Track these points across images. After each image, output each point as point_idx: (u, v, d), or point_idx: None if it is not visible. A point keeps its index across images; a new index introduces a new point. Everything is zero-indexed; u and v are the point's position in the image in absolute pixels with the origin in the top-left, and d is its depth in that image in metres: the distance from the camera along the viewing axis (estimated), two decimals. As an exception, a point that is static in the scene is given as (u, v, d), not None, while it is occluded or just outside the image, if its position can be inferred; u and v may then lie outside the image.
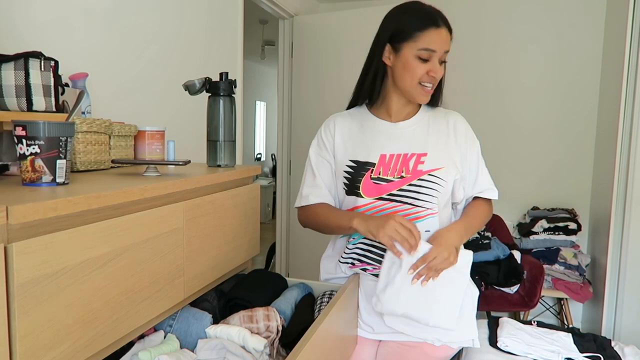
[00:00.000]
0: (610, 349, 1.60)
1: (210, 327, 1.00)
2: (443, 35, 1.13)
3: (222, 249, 1.14)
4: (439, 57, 1.14)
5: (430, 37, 1.12)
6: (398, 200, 1.17)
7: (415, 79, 1.16)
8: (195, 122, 1.94)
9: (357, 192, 1.20)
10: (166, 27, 1.87)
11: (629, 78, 2.43)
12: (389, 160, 1.19)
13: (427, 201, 1.17)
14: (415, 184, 1.16)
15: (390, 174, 1.18)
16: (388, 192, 1.17)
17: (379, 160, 1.19)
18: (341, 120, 1.29)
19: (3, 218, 0.57)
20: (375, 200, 1.18)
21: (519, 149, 3.13)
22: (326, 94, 3.26)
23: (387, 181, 1.18)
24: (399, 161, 1.19)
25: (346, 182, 1.22)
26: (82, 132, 1.04)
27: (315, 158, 1.29)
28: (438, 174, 1.17)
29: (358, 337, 1.28)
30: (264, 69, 7.34)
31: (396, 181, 1.17)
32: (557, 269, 2.70)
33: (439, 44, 1.13)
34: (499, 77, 3.16)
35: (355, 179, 1.20)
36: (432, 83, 1.16)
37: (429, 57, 1.14)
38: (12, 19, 1.24)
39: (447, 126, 1.24)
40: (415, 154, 1.19)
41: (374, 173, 1.19)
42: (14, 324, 0.59)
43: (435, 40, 1.13)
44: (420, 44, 1.13)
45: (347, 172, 1.22)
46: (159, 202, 0.91)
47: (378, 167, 1.19)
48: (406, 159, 1.18)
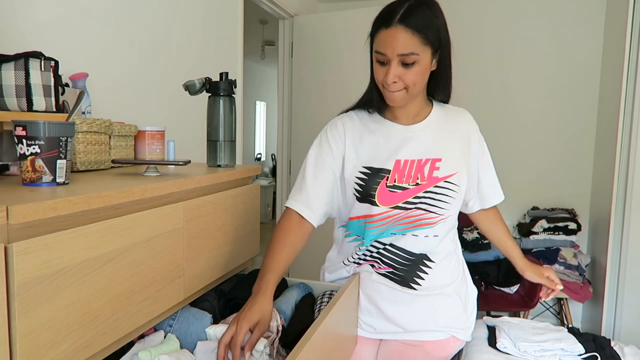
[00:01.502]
0: (609, 348, 1.60)
1: (210, 327, 1.00)
2: (393, 35, 1.02)
3: (222, 249, 1.14)
4: (397, 60, 1.04)
5: (379, 39, 1.04)
6: (412, 207, 1.13)
7: (378, 82, 1.10)
8: (195, 122, 1.94)
9: (372, 200, 1.14)
10: (166, 27, 1.87)
11: (629, 78, 2.43)
12: (404, 166, 1.14)
13: (441, 207, 1.14)
14: (431, 190, 1.13)
15: (406, 180, 1.13)
16: (404, 200, 1.13)
17: (394, 166, 1.14)
18: (350, 122, 1.20)
19: (3, 218, 0.57)
20: (390, 210, 1.13)
21: (519, 149, 3.13)
22: (326, 94, 3.26)
23: (403, 189, 1.13)
24: (413, 167, 1.14)
25: (359, 189, 1.15)
26: (82, 132, 1.04)
27: (313, 161, 1.19)
28: (453, 179, 1.14)
29: (358, 337, 1.28)
30: (264, 69, 7.34)
31: (412, 188, 1.13)
32: (557, 269, 2.70)
33: (388, 46, 1.02)
34: (498, 77, 3.16)
35: (369, 186, 1.14)
36: (390, 87, 1.07)
37: (384, 60, 1.05)
38: (13, 19, 1.24)
39: (460, 129, 1.19)
40: (430, 159, 1.14)
41: (390, 181, 1.13)
42: (14, 324, 0.59)
43: (384, 42, 1.03)
44: (375, 46, 1.07)
45: (360, 179, 1.15)
46: (159, 202, 0.91)
47: (393, 174, 1.13)
48: (421, 165, 1.14)
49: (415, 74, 1.05)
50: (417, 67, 1.05)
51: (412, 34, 1.02)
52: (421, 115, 1.19)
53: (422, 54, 1.04)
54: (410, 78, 1.06)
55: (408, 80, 1.06)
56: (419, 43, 1.03)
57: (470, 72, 3.15)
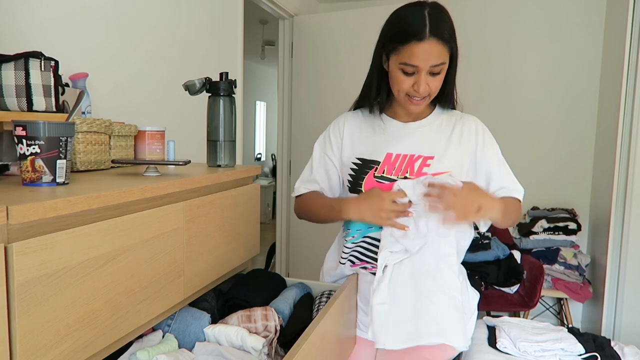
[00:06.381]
0: (609, 348, 1.60)
1: (208, 326, 1.00)
2: (427, 48, 1.04)
3: (222, 249, 1.14)
4: (427, 71, 1.07)
5: (412, 51, 1.05)
6: None
7: (402, 92, 1.12)
8: (195, 122, 1.94)
9: (359, 189, 1.18)
10: (166, 27, 1.87)
11: (629, 78, 2.43)
12: (395, 159, 1.17)
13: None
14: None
15: (395, 173, 1.16)
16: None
17: (385, 158, 1.17)
18: (352, 118, 1.27)
19: (3, 218, 0.57)
20: None
21: (519, 149, 3.13)
22: (326, 94, 3.26)
23: (391, 180, 1.15)
24: (404, 162, 1.16)
25: (350, 180, 1.21)
26: (82, 132, 1.05)
27: (318, 155, 1.29)
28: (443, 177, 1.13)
29: (357, 338, 1.28)
30: (264, 69, 7.34)
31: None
32: (557, 269, 2.70)
33: (421, 59, 1.05)
34: (498, 77, 3.16)
35: (358, 176, 1.19)
36: (419, 96, 1.11)
37: (413, 71, 1.08)
38: (13, 18, 1.24)
39: (460, 130, 1.20)
40: (422, 156, 1.16)
41: (378, 171, 1.17)
42: (14, 324, 0.59)
43: (417, 55, 1.05)
44: (401, 57, 1.07)
45: (352, 170, 1.21)
46: (159, 202, 0.91)
47: (382, 166, 1.17)
48: (412, 160, 1.16)
49: (439, 81, 1.11)
50: (441, 75, 1.11)
51: (443, 45, 1.06)
52: (421, 116, 1.22)
53: (446, 62, 1.09)
54: (435, 85, 1.11)
55: (434, 87, 1.11)
56: (446, 52, 1.08)
57: (470, 73, 3.15)
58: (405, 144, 1.18)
